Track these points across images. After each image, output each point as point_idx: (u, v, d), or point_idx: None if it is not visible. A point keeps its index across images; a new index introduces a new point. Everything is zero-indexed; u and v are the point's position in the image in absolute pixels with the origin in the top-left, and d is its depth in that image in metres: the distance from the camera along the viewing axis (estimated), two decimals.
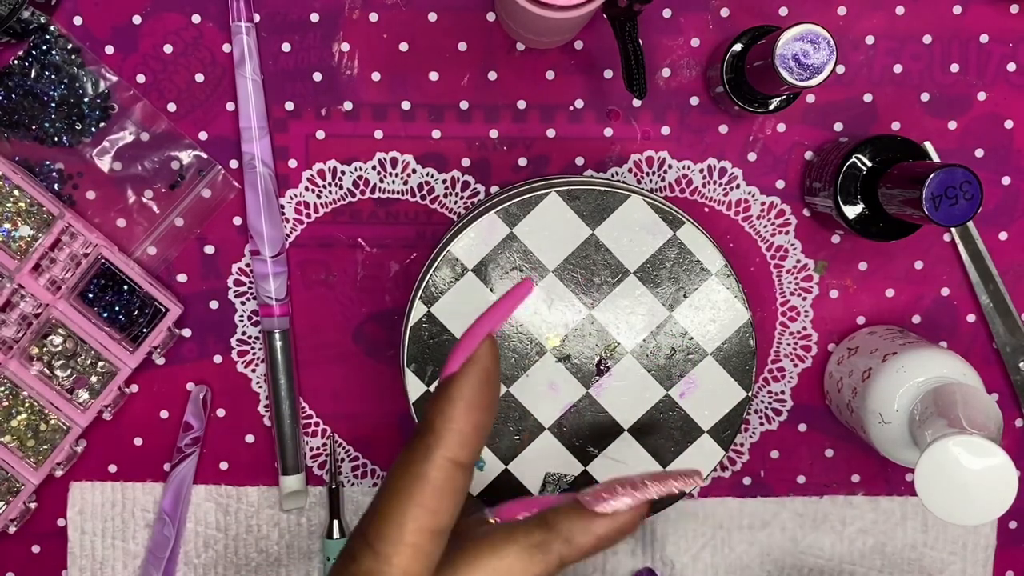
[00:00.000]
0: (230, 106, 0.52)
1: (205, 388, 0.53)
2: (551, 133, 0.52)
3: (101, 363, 0.51)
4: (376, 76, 0.52)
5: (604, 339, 0.46)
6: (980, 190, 0.44)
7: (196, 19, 0.52)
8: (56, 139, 0.51)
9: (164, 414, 0.53)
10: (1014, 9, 0.52)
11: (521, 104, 0.52)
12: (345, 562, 0.32)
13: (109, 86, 0.51)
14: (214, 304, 0.53)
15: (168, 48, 0.52)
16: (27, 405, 0.51)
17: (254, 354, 0.53)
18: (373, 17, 0.52)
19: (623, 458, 0.46)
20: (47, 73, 0.51)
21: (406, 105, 0.52)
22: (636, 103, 0.52)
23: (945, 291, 0.54)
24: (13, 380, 0.51)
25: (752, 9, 0.52)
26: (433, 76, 0.52)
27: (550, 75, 0.52)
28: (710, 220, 0.53)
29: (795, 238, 0.53)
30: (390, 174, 0.52)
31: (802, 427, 0.54)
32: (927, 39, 0.52)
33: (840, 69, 0.52)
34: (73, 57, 0.51)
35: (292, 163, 0.52)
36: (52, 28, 0.51)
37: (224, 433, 0.54)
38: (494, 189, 0.53)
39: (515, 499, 0.36)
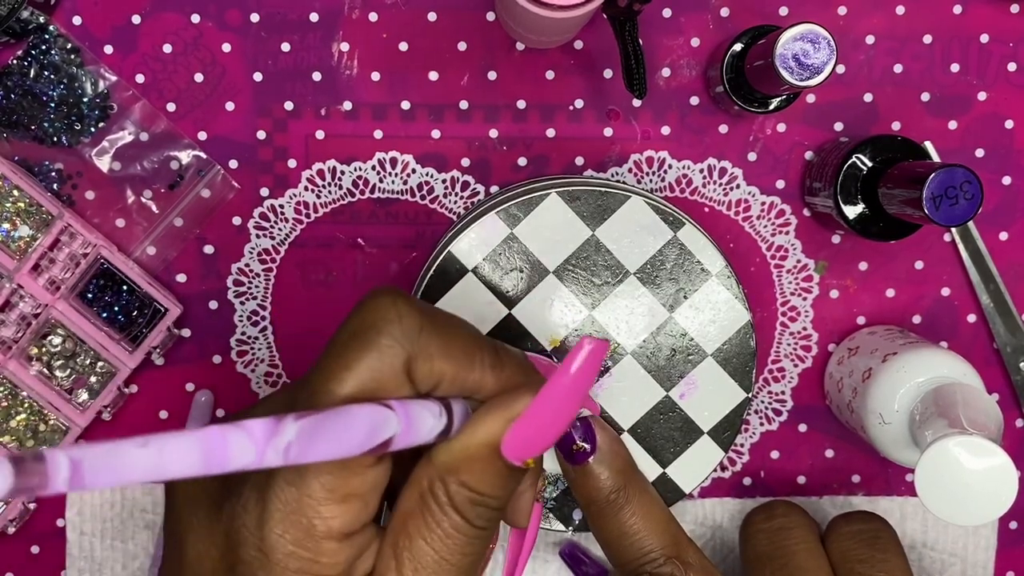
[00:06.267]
0: (229, 106, 0.52)
1: (208, 393, 0.53)
2: (551, 133, 0.52)
3: (100, 363, 0.51)
4: (376, 76, 0.52)
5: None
6: (980, 190, 0.43)
7: (195, 19, 0.51)
8: (55, 139, 0.51)
9: (163, 414, 0.53)
10: (1014, 9, 0.52)
11: (521, 104, 0.52)
12: None
13: (108, 86, 0.51)
14: (213, 304, 0.53)
15: (167, 48, 0.52)
16: (26, 405, 0.51)
17: (254, 354, 0.53)
18: (373, 17, 0.52)
19: None
20: (46, 73, 0.51)
21: (406, 105, 0.52)
22: (636, 103, 0.52)
23: (945, 291, 0.53)
24: (12, 380, 0.50)
25: (752, 9, 0.52)
26: (433, 76, 0.52)
27: (550, 75, 0.52)
28: (710, 220, 0.53)
29: (795, 238, 0.53)
30: (390, 174, 0.52)
31: (802, 427, 0.54)
32: (927, 39, 0.52)
33: (840, 69, 0.52)
34: (72, 57, 0.51)
35: (292, 163, 0.52)
36: (51, 28, 0.51)
37: None
38: (494, 189, 0.53)
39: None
